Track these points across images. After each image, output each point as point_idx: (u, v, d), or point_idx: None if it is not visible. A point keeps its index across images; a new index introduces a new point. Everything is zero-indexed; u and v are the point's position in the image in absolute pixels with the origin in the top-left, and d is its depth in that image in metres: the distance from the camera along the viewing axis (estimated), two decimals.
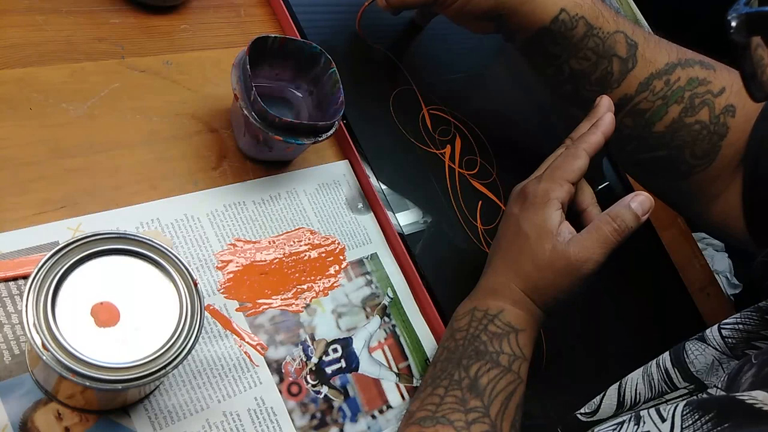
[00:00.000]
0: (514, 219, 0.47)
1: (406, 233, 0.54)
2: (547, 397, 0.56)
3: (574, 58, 0.52)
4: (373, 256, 0.53)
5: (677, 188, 0.57)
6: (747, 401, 0.30)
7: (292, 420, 0.44)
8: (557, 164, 0.47)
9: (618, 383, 0.47)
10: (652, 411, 0.35)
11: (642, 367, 0.47)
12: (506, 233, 0.48)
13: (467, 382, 0.42)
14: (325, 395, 0.46)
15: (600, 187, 0.75)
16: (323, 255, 0.50)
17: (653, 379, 0.46)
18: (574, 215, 0.48)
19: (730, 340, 0.44)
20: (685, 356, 0.45)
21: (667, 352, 0.46)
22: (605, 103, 0.50)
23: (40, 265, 0.31)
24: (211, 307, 0.44)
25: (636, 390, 0.46)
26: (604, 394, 0.48)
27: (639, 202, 0.45)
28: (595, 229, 0.44)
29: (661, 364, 0.46)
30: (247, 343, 0.44)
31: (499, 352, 0.43)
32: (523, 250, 0.45)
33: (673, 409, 0.34)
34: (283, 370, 0.45)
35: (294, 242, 0.49)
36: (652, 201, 0.45)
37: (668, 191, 0.59)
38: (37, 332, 0.30)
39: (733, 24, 0.32)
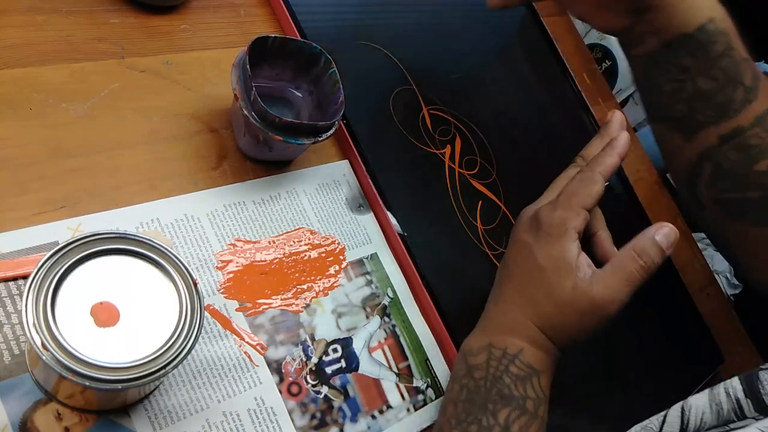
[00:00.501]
0: (527, 249, 0.44)
1: (406, 233, 0.54)
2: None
3: (703, 75, 0.48)
4: (373, 256, 0.53)
5: (748, 236, 0.52)
6: None
7: (292, 420, 0.44)
8: (573, 190, 0.44)
9: (680, 407, 0.44)
10: None
11: (707, 392, 0.43)
12: (518, 261, 0.45)
13: (498, 430, 0.40)
14: (325, 395, 0.46)
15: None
16: (323, 255, 0.50)
17: (722, 408, 0.43)
18: (585, 239, 0.46)
19: None
20: (760, 387, 0.42)
21: (737, 379, 0.42)
22: (617, 119, 0.47)
23: (39, 265, 0.31)
24: (211, 307, 0.44)
25: (702, 418, 0.43)
26: (663, 420, 0.44)
27: (664, 234, 0.42)
28: (620, 267, 0.42)
29: (731, 393, 0.42)
30: (247, 343, 0.44)
31: (524, 396, 0.41)
32: (541, 286, 0.43)
33: None
34: (283, 370, 0.45)
35: (294, 242, 0.49)
36: (677, 232, 0.43)
37: (733, 236, 0.54)
38: (37, 332, 0.30)
39: None
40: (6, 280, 0.38)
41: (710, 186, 0.52)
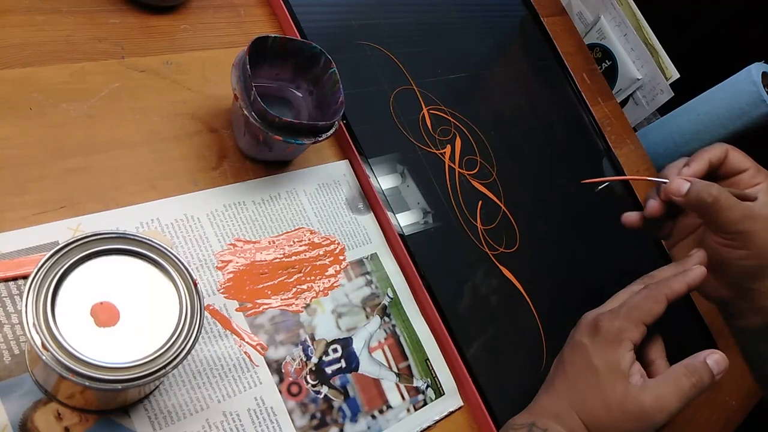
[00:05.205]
0: (584, 350, 0.46)
1: (406, 233, 0.54)
2: None
3: None
4: (373, 256, 0.53)
5: None
6: None
7: (292, 420, 0.44)
8: (636, 304, 0.46)
9: None
10: None
11: None
12: (574, 360, 0.47)
13: None
14: (325, 395, 0.46)
15: (600, 187, 0.75)
16: (323, 255, 0.50)
17: None
18: (643, 366, 0.47)
19: None
20: None
21: None
22: (699, 256, 0.48)
23: (39, 265, 0.31)
24: (211, 307, 0.44)
25: None
26: None
27: (715, 360, 0.44)
28: (672, 381, 0.44)
29: None
30: (247, 343, 0.44)
31: None
32: (592, 384, 0.45)
33: None
34: (283, 370, 0.45)
35: (294, 242, 0.49)
36: (727, 361, 0.44)
37: None
38: (37, 332, 0.30)
39: None
40: (6, 280, 0.38)
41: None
